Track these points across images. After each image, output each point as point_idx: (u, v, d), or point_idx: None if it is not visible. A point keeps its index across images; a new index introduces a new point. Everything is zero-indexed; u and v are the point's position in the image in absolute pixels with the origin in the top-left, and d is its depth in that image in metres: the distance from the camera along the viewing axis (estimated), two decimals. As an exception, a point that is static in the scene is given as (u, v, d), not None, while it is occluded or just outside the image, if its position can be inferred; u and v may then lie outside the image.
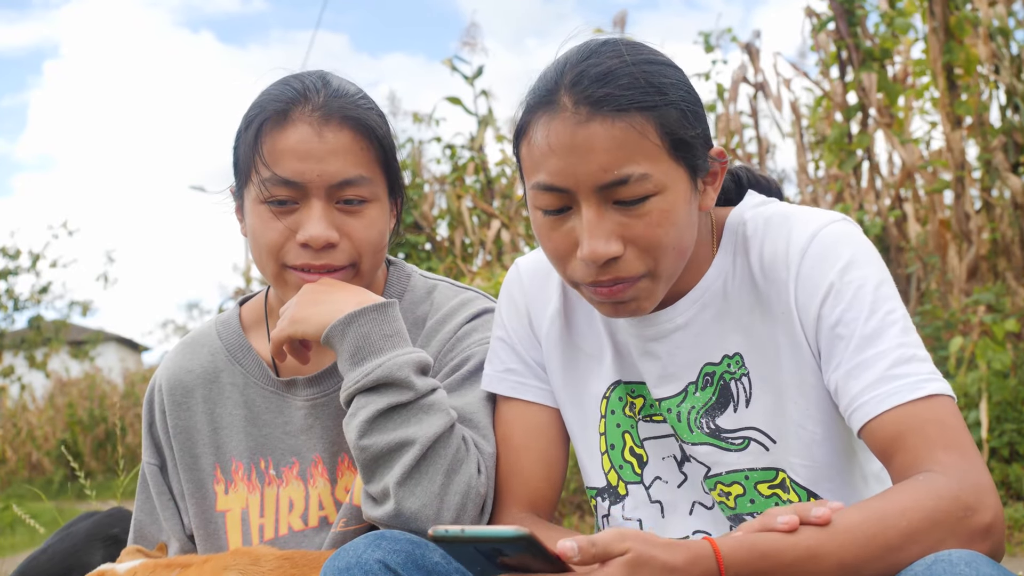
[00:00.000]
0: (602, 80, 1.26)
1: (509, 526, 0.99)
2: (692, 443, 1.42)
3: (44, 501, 4.26)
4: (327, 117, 1.51)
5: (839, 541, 1.10)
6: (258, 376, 1.67)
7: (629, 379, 1.49)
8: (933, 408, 1.22)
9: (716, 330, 1.40)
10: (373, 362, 1.45)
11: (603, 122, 1.25)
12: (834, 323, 1.29)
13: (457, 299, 1.66)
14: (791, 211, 1.38)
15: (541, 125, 1.29)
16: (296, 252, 1.52)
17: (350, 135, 1.52)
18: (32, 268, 12.94)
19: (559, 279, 1.52)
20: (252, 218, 1.55)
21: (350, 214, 1.53)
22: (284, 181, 1.49)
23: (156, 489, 1.72)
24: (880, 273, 1.31)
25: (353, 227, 1.53)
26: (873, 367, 1.25)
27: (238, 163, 1.57)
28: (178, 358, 1.73)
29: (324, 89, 1.53)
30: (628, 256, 1.29)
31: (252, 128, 1.53)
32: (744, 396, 1.39)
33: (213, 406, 1.68)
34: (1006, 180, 5.46)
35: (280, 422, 1.65)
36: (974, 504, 1.12)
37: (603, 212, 1.28)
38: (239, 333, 1.71)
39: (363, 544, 1.26)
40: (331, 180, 1.50)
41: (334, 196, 1.51)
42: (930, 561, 1.06)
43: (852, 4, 6.17)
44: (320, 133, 1.50)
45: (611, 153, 1.25)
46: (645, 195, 1.27)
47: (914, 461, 1.19)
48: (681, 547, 1.06)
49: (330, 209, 1.51)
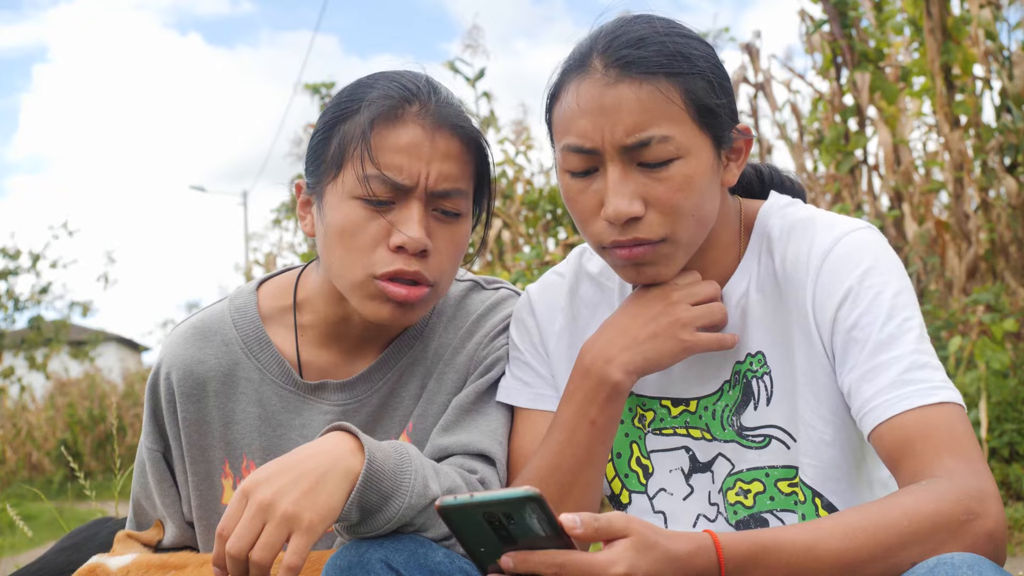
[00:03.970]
0: (633, 45, 1.32)
1: (518, 487, 1.00)
2: (723, 440, 1.44)
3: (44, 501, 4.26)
4: (439, 123, 1.46)
5: (839, 538, 1.10)
6: (276, 374, 1.59)
7: (641, 392, 1.50)
8: (943, 415, 1.22)
9: (743, 329, 1.42)
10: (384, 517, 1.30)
11: (631, 84, 1.30)
12: (850, 326, 1.30)
13: (491, 300, 1.64)
14: (816, 215, 1.40)
15: (572, 87, 1.34)
16: (388, 258, 1.43)
17: (460, 145, 1.47)
18: (32, 268, 12.94)
19: (566, 298, 1.55)
20: (339, 214, 1.45)
21: (444, 224, 1.47)
22: (389, 180, 1.42)
23: (156, 475, 1.65)
24: (900, 282, 1.32)
25: (445, 240, 1.47)
26: (887, 371, 1.26)
27: (323, 153, 1.49)
28: (190, 348, 1.61)
29: (435, 94, 1.48)
30: (649, 218, 1.32)
31: (357, 119, 1.45)
32: (765, 394, 1.41)
33: (226, 400, 1.60)
34: (1002, 181, 5.47)
35: (297, 424, 1.59)
36: (977, 509, 1.13)
37: (627, 173, 1.32)
38: (257, 324, 1.61)
39: (366, 543, 1.25)
40: (436, 186, 1.44)
41: (432, 203, 1.45)
42: (932, 564, 1.07)
43: (845, 6, 6.18)
44: (432, 137, 1.44)
45: (636, 115, 1.30)
46: (667, 158, 1.31)
47: (921, 467, 1.19)
48: (684, 538, 1.07)
49: (427, 216, 1.45)
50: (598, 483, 1.43)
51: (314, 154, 1.51)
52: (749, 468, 1.41)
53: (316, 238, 1.53)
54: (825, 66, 6.42)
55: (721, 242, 1.44)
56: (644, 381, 1.49)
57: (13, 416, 13.01)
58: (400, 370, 1.60)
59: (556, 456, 1.41)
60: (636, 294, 1.43)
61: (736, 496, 1.42)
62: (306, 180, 1.54)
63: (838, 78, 6.35)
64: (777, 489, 1.40)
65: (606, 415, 1.39)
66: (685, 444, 1.47)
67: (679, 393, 1.47)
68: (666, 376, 1.48)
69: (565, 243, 6.25)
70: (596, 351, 1.40)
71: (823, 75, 6.49)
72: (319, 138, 1.51)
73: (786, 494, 1.39)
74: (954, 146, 5.58)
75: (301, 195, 1.56)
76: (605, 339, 1.40)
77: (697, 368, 1.45)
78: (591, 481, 1.41)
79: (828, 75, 6.44)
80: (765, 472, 1.40)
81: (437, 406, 1.59)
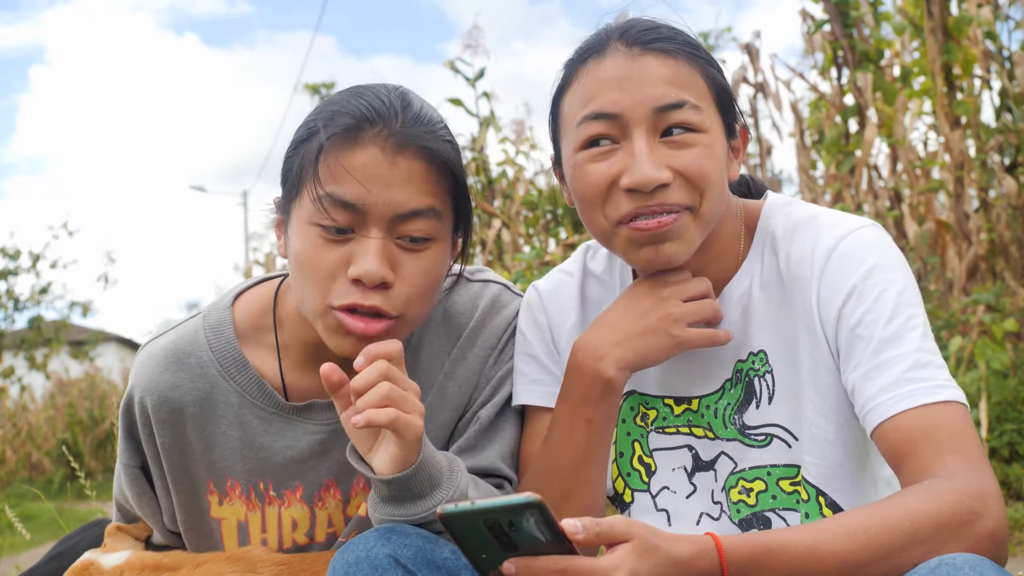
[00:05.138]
0: (652, 29, 1.36)
1: (520, 494, 1.00)
2: (726, 439, 1.44)
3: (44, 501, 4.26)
4: (403, 144, 1.37)
5: (841, 539, 1.10)
6: (257, 397, 1.53)
7: (644, 391, 1.50)
8: (946, 414, 1.23)
9: (744, 327, 1.42)
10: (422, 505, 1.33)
11: (657, 56, 1.34)
12: (855, 324, 1.30)
13: (484, 299, 1.59)
14: (820, 213, 1.41)
15: (591, 66, 1.36)
16: (345, 289, 1.36)
17: (424, 166, 1.38)
18: (32, 268, 12.94)
19: (578, 296, 1.55)
20: (299, 240, 1.39)
21: (410, 252, 1.38)
22: (343, 203, 1.34)
23: (135, 489, 1.60)
24: (904, 280, 1.32)
25: (410, 269, 1.38)
26: (891, 369, 1.26)
27: (289, 173, 1.43)
28: (163, 373, 1.53)
29: (403, 112, 1.39)
30: (675, 185, 1.32)
31: (316, 139, 1.38)
32: (767, 393, 1.41)
33: (204, 423, 1.53)
34: (1002, 181, 5.47)
35: (281, 446, 1.53)
36: (979, 509, 1.13)
37: (653, 144, 1.32)
38: (232, 344, 1.53)
39: (373, 538, 1.25)
40: (397, 209, 1.35)
41: (395, 230, 1.37)
42: (934, 564, 1.07)
43: (846, 5, 6.18)
44: (392, 160, 1.36)
45: (667, 80, 1.33)
46: (696, 127, 1.32)
47: (923, 466, 1.19)
48: (685, 541, 1.07)
49: (389, 244, 1.37)
50: (600, 481, 1.43)
51: (283, 172, 1.45)
52: (751, 467, 1.41)
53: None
54: (826, 66, 6.42)
55: (722, 239, 1.44)
56: (646, 380, 1.49)
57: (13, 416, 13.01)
58: None
59: (555, 456, 1.41)
60: (627, 292, 1.43)
61: (739, 495, 1.42)
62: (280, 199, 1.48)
63: (839, 78, 6.36)
64: (779, 488, 1.40)
65: (601, 412, 1.39)
66: (688, 443, 1.47)
67: (681, 392, 1.47)
68: (668, 375, 1.48)
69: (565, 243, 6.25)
70: (588, 348, 1.40)
71: (823, 75, 6.49)
72: (287, 155, 1.45)
73: (788, 493, 1.39)
74: (954, 146, 5.58)
75: (276, 214, 1.49)
76: (596, 336, 1.40)
77: (699, 366, 1.45)
78: (593, 479, 1.41)
79: (828, 75, 6.44)
80: (767, 471, 1.40)
81: (439, 423, 1.56)
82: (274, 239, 7.36)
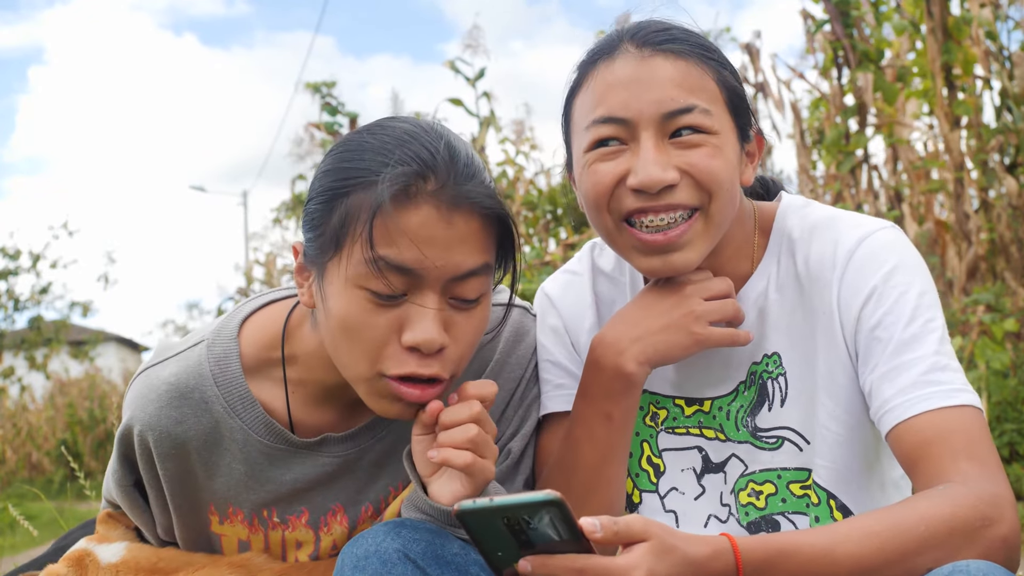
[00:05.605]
0: (663, 31, 1.35)
1: (539, 491, 0.99)
2: (737, 441, 1.43)
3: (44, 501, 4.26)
4: (458, 202, 1.27)
5: (857, 542, 1.10)
6: (264, 435, 1.46)
7: (655, 390, 1.50)
8: (963, 418, 1.22)
9: (760, 330, 1.42)
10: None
11: (667, 58, 1.33)
12: (874, 325, 1.30)
13: (508, 329, 1.54)
14: (838, 215, 1.40)
15: (601, 69, 1.36)
16: (399, 358, 1.27)
17: (479, 223, 1.29)
18: (32, 268, 12.93)
19: (591, 295, 1.54)
20: (343, 303, 1.28)
21: (463, 312, 1.30)
22: (399, 267, 1.24)
23: (127, 502, 1.56)
24: (924, 283, 1.32)
25: (463, 328, 1.30)
26: (908, 372, 1.26)
27: (324, 225, 1.30)
28: (166, 409, 1.45)
29: (453, 165, 1.28)
30: (683, 185, 1.32)
31: (367, 196, 1.26)
32: (780, 396, 1.40)
33: (209, 455, 1.48)
34: (1002, 181, 5.47)
35: (289, 479, 1.49)
36: (993, 514, 1.13)
37: (661, 145, 1.32)
38: (239, 380, 1.45)
39: (382, 532, 1.25)
40: (454, 272, 1.27)
41: (449, 291, 1.28)
42: (947, 571, 1.07)
43: (847, 5, 6.18)
44: (449, 220, 1.26)
45: (676, 83, 1.31)
46: (705, 129, 1.31)
47: (938, 470, 1.19)
48: (702, 541, 1.07)
49: (443, 306, 1.28)
50: (621, 479, 1.42)
51: (312, 221, 1.33)
52: (762, 469, 1.41)
53: (316, 314, 1.37)
54: (826, 66, 6.42)
55: (736, 242, 1.43)
56: (658, 379, 1.49)
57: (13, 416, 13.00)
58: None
59: (576, 454, 1.40)
60: (648, 288, 1.43)
61: (748, 497, 1.42)
62: (304, 245, 1.37)
63: (839, 78, 6.35)
64: (789, 491, 1.40)
65: (622, 408, 1.39)
66: (698, 444, 1.46)
67: (693, 393, 1.47)
68: (681, 375, 1.47)
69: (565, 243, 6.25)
70: (607, 344, 1.39)
71: (824, 75, 6.49)
72: (319, 203, 1.32)
73: (798, 496, 1.39)
74: (954, 146, 5.58)
75: (298, 259, 1.38)
76: (616, 331, 1.39)
77: (713, 368, 1.45)
78: (614, 477, 1.41)
79: (829, 75, 6.44)
80: (777, 474, 1.40)
81: None
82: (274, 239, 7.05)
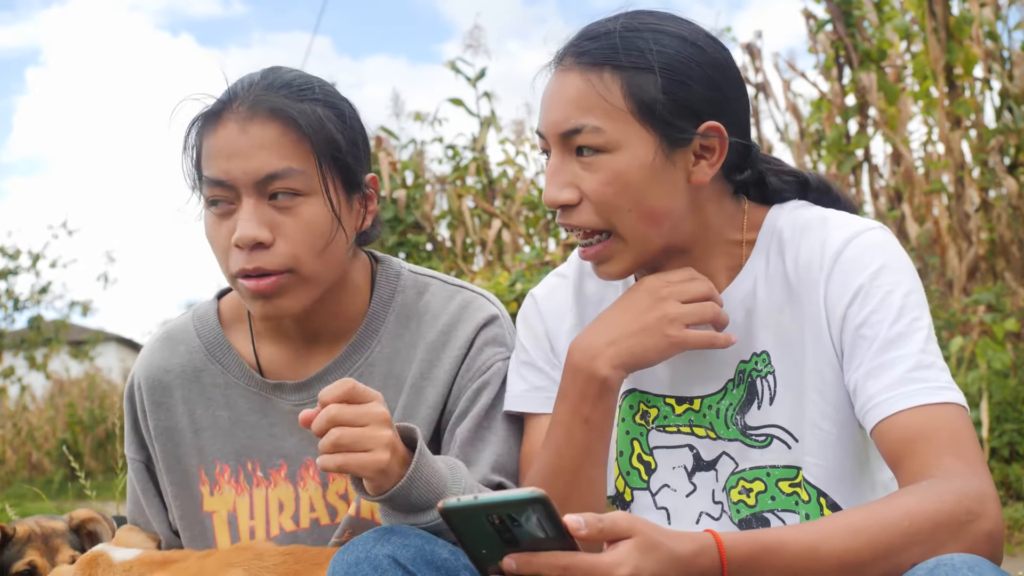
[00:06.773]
0: (591, 38, 1.38)
1: (524, 489, 0.99)
2: (728, 439, 1.44)
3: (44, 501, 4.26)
4: (253, 112, 1.46)
5: (842, 538, 1.10)
6: (240, 376, 1.62)
7: (645, 389, 1.50)
8: (946, 415, 1.23)
9: (748, 328, 1.42)
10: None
11: (578, 74, 1.36)
12: (859, 324, 1.30)
13: (455, 302, 1.60)
14: (828, 215, 1.40)
15: (542, 77, 1.43)
16: (235, 257, 1.46)
17: (278, 128, 1.45)
18: (32, 268, 12.94)
19: (572, 298, 1.55)
20: (204, 222, 1.52)
21: (283, 211, 1.46)
22: (215, 182, 1.46)
23: (141, 485, 1.68)
24: (911, 282, 1.32)
25: (287, 226, 1.46)
26: (893, 369, 1.26)
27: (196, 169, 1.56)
28: (155, 355, 1.66)
29: (260, 83, 1.49)
30: (583, 208, 1.37)
31: (192, 132, 1.52)
32: (768, 394, 1.40)
33: (194, 407, 1.62)
34: (1002, 181, 5.47)
35: (265, 424, 1.60)
36: (977, 509, 1.13)
37: (565, 161, 1.37)
38: (218, 330, 1.65)
39: (372, 539, 1.25)
40: (256, 175, 1.44)
41: (264, 192, 1.45)
42: (932, 564, 1.07)
43: (849, 5, 6.19)
44: (245, 129, 1.45)
45: (572, 102, 1.35)
46: (597, 148, 1.34)
47: (922, 466, 1.20)
48: (687, 538, 1.07)
49: (262, 207, 1.45)
50: (602, 479, 1.43)
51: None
52: (752, 467, 1.41)
53: None
54: (827, 65, 6.42)
55: (720, 242, 1.43)
56: (647, 378, 1.49)
57: (13, 416, 13.00)
58: (359, 371, 1.59)
59: (557, 456, 1.41)
60: (626, 292, 1.43)
61: (739, 495, 1.42)
62: None
63: (840, 78, 6.36)
64: (778, 489, 1.40)
65: (599, 412, 1.39)
66: (689, 442, 1.47)
67: (683, 391, 1.47)
68: (670, 374, 1.47)
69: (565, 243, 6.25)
70: (583, 348, 1.39)
71: (825, 75, 6.50)
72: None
73: (787, 494, 1.40)
74: (954, 146, 5.58)
75: None
76: (591, 336, 1.40)
77: (701, 367, 1.45)
78: (595, 478, 1.41)
79: (830, 75, 6.44)
80: (766, 471, 1.41)
81: (418, 421, 1.56)
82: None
